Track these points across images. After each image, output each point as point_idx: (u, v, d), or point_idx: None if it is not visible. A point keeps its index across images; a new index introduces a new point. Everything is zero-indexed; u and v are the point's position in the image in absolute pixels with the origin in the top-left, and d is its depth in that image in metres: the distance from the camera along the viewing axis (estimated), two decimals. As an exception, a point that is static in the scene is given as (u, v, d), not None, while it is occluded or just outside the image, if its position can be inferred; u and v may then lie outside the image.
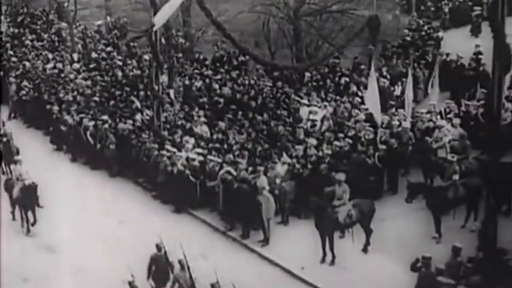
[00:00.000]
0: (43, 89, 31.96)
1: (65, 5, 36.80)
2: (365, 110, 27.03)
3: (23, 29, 37.58)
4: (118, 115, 29.13)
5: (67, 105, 30.33)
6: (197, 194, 25.48)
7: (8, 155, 26.83)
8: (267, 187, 23.58)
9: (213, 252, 22.85)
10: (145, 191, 26.78)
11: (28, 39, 36.81)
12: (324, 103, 28.74)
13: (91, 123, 28.55)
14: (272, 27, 33.69)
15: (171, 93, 30.75)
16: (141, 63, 33.75)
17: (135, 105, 30.12)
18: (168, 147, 26.47)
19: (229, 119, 28.37)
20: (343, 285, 21.33)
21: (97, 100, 30.55)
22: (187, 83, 31.78)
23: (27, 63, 34.21)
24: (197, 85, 31.61)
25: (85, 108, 30.09)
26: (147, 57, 32.37)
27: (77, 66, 34.00)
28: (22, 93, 31.96)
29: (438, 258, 19.86)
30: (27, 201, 24.59)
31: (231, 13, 32.17)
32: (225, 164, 25.06)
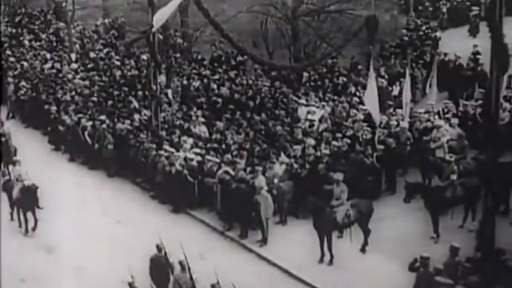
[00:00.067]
0: (41, 89, 31.95)
1: (63, 5, 36.79)
2: (363, 110, 27.07)
3: (21, 29, 37.58)
4: (116, 115, 29.13)
5: (65, 105, 30.33)
6: (195, 194, 25.46)
7: (6, 155, 26.79)
8: (265, 187, 23.57)
9: (211, 252, 22.84)
10: (143, 191, 26.76)
11: (26, 39, 36.82)
12: (322, 103, 28.76)
13: (89, 123, 28.53)
14: (270, 27, 33.71)
15: (169, 93, 30.75)
16: (139, 63, 33.75)
17: (133, 105, 30.12)
18: (166, 147, 26.46)
19: (227, 119, 28.39)
20: (341, 285, 21.32)
21: (95, 100, 30.55)
22: (185, 83, 31.79)
23: (25, 63, 34.21)
24: (195, 85, 31.62)
25: (83, 108, 30.09)
26: (145, 57, 32.38)
27: (75, 66, 34.01)
28: (20, 93, 31.96)
29: (436, 258, 19.87)
30: (26, 202, 24.49)
31: (229, 13, 32.20)
32: (223, 164, 25.05)
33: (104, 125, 28.19)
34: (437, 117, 26.56)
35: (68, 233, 23.62)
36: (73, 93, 31.38)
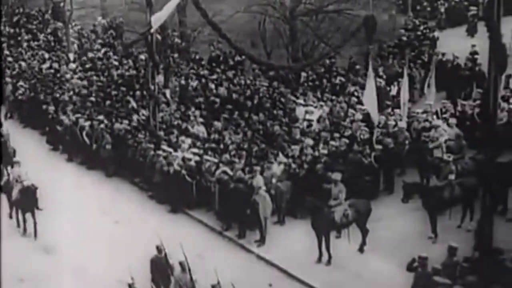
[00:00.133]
0: (39, 89, 31.91)
1: (61, 5, 36.74)
2: (361, 110, 27.07)
3: (19, 29, 37.54)
4: (114, 115, 29.10)
5: (63, 105, 30.31)
6: (193, 194, 25.46)
7: (5, 156, 26.72)
8: (264, 187, 23.57)
9: (209, 252, 22.82)
10: (141, 191, 26.76)
11: (24, 39, 36.78)
12: (320, 103, 28.76)
13: (87, 123, 28.51)
14: (268, 27, 33.66)
15: (167, 93, 30.73)
16: (137, 63, 33.73)
17: (131, 105, 30.10)
18: (164, 147, 26.45)
19: (225, 119, 28.36)
20: (340, 285, 21.33)
21: (93, 100, 30.53)
22: (183, 83, 31.77)
23: (23, 63, 34.18)
24: (193, 85, 31.61)
25: (81, 108, 30.06)
26: (143, 57, 32.36)
27: (73, 66, 33.97)
28: (18, 92, 31.93)
29: (434, 258, 19.90)
30: (26, 203, 24.42)
31: (227, 13, 32.19)
32: (221, 164, 25.04)
33: (102, 125, 28.17)
34: (435, 117, 26.57)
35: (66, 233, 23.59)
36: (71, 93, 31.34)
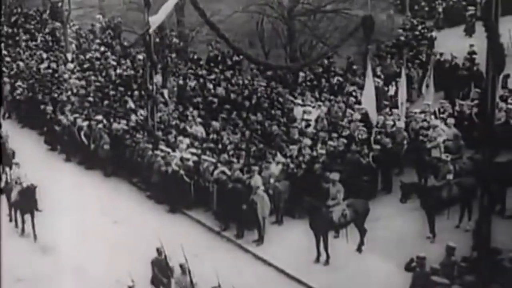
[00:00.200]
0: (37, 89, 31.90)
1: (59, 5, 36.72)
2: (359, 110, 27.08)
3: (17, 29, 37.51)
4: (112, 115, 29.09)
5: (61, 105, 30.29)
6: (191, 194, 25.45)
7: (4, 157, 26.67)
8: (262, 187, 23.55)
9: (208, 252, 22.80)
10: (140, 191, 26.74)
11: (22, 39, 36.76)
12: (318, 103, 28.75)
13: (85, 123, 28.50)
14: (266, 27, 33.64)
15: (165, 93, 30.73)
16: (135, 63, 33.72)
17: (129, 105, 30.09)
18: (162, 147, 26.45)
19: (223, 119, 28.36)
20: (338, 285, 21.33)
21: (91, 100, 30.51)
22: (181, 83, 31.76)
23: (21, 63, 34.16)
24: (191, 85, 31.59)
25: (79, 108, 30.03)
26: (141, 57, 32.34)
27: (71, 66, 33.94)
28: (16, 92, 31.90)
29: (432, 257, 19.89)
30: (25, 204, 24.35)
31: (225, 13, 32.15)
32: (219, 164, 25.03)
33: (100, 125, 28.15)
34: (433, 117, 26.58)
35: (64, 233, 23.58)
36: (69, 93, 31.32)
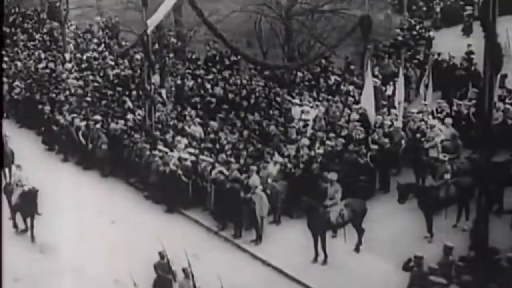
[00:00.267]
0: (35, 89, 31.88)
1: (57, 4, 36.72)
2: (356, 110, 27.09)
3: (15, 29, 37.51)
4: (110, 115, 29.08)
5: (59, 105, 30.27)
6: (189, 194, 25.42)
7: (3, 159, 26.57)
8: (260, 186, 23.54)
9: (205, 252, 22.77)
10: (137, 191, 26.70)
11: (20, 38, 36.75)
12: (316, 102, 28.76)
13: (83, 123, 28.45)
14: (264, 26, 33.71)
15: (163, 93, 30.72)
16: (133, 63, 33.71)
17: (127, 105, 30.08)
18: (160, 147, 26.42)
19: (221, 119, 28.35)
20: (336, 285, 21.31)
21: (89, 100, 30.50)
22: (179, 82, 31.76)
23: (19, 63, 34.15)
24: (189, 84, 31.59)
25: (77, 108, 30.02)
26: (139, 57, 32.34)
27: (69, 66, 33.93)
28: (14, 92, 31.87)
29: (430, 257, 19.87)
30: (26, 208, 24.15)
31: (223, 13, 32.19)
32: (217, 164, 25.01)
33: (98, 125, 28.11)
34: (430, 116, 26.60)
35: (62, 233, 23.54)
36: (67, 93, 31.31)
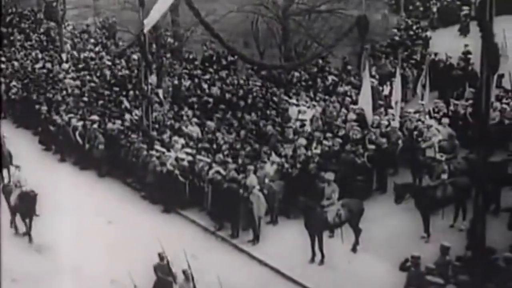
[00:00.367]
0: (32, 89, 31.84)
1: (54, 4, 36.67)
2: (353, 110, 27.10)
3: (11, 29, 37.47)
4: (107, 115, 29.05)
5: (56, 105, 30.23)
6: (186, 194, 25.41)
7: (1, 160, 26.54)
8: (257, 186, 23.53)
9: (203, 252, 22.75)
10: (134, 191, 26.68)
11: (17, 38, 36.72)
12: (313, 102, 28.74)
13: (80, 123, 28.42)
14: (261, 26, 33.70)
15: (160, 93, 30.70)
16: (130, 63, 33.69)
17: (124, 105, 30.06)
18: (157, 147, 26.40)
19: (218, 119, 28.34)
20: (333, 285, 21.32)
21: (86, 100, 30.47)
22: (176, 83, 31.74)
23: (15, 63, 34.11)
24: (186, 84, 31.58)
25: (74, 108, 29.98)
26: (136, 57, 32.32)
27: (66, 66, 33.90)
28: (11, 92, 31.82)
29: (427, 257, 19.89)
30: (25, 209, 24.07)
31: (220, 13, 32.16)
32: (214, 164, 24.99)
33: (95, 125, 28.07)
34: (427, 116, 26.61)
35: (59, 234, 23.52)
36: (64, 93, 31.29)
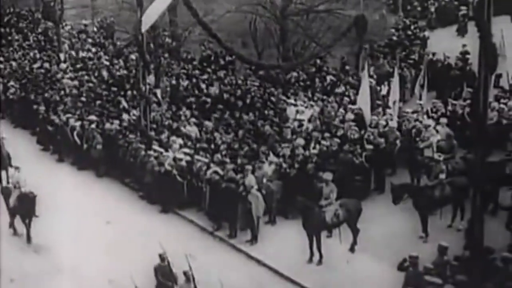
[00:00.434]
0: (30, 89, 31.83)
1: (52, 4, 36.65)
2: (351, 110, 27.10)
3: (9, 29, 37.45)
4: (105, 115, 29.03)
5: (54, 105, 30.22)
6: (184, 194, 25.40)
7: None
8: (256, 186, 23.52)
9: (201, 252, 22.73)
10: (132, 191, 26.69)
11: (14, 38, 36.69)
12: (310, 102, 28.74)
13: (78, 123, 28.42)
14: (259, 26, 33.69)
15: (158, 93, 30.69)
16: (128, 63, 33.67)
17: (122, 105, 30.05)
18: (155, 147, 26.38)
19: (216, 119, 28.33)
20: (331, 285, 21.32)
21: (84, 100, 30.46)
22: (174, 83, 31.73)
23: (13, 63, 34.08)
24: (184, 84, 31.57)
25: (72, 108, 29.97)
26: (134, 57, 32.30)
27: (64, 66, 33.88)
28: (9, 92, 31.80)
29: (425, 257, 19.90)
30: (24, 210, 24.00)
31: (218, 13, 32.15)
32: (212, 164, 24.97)
33: (93, 125, 28.06)
34: (425, 116, 26.61)
35: (57, 234, 23.51)
36: (62, 93, 31.27)
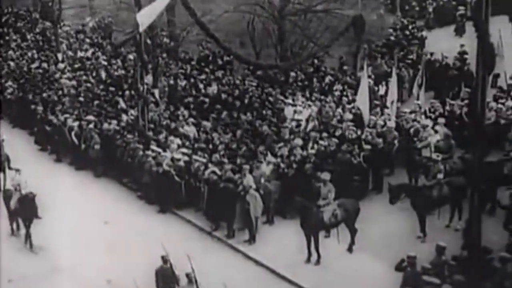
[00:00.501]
0: (28, 89, 31.82)
1: (50, 4, 36.69)
2: (349, 110, 27.11)
3: (7, 29, 37.44)
4: (103, 115, 29.03)
5: (52, 105, 30.22)
6: (182, 194, 25.39)
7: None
8: (254, 186, 23.51)
9: (199, 252, 22.70)
10: (130, 191, 26.70)
11: (12, 38, 36.69)
12: (308, 102, 28.75)
13: (76, 123, 28.42)
14: (257, 26, 33.71)
15: (156, 93, 30.70)
16: (126, 63, 33.67)
17: (120, 105, 30.05)
18: (153, 147, 26.37)
19: (214, 119, 28.34)
20: (329, 285, 21.30)
21: (82, 100, 30.45)
22: (172, 83, 31.73)
23: (11, 63, 34.07)
24: (182, 84, 31.57)
25: (69, 108, 29.97)
26: (132, 57, 32.30)
27: (61, 66, 33.88)
28: (7, 92, 31.79)
29: (423, 257, 19.88)
30: (25, 212, 23.85)
31: (216, 13, 32.18)
32: (210, 164, 24.97)
33: (91, 125, 28.06)
34: (423, 116, 26.62)
35: (55, 234, 23.50)
36: (60, 93, 31.27)
